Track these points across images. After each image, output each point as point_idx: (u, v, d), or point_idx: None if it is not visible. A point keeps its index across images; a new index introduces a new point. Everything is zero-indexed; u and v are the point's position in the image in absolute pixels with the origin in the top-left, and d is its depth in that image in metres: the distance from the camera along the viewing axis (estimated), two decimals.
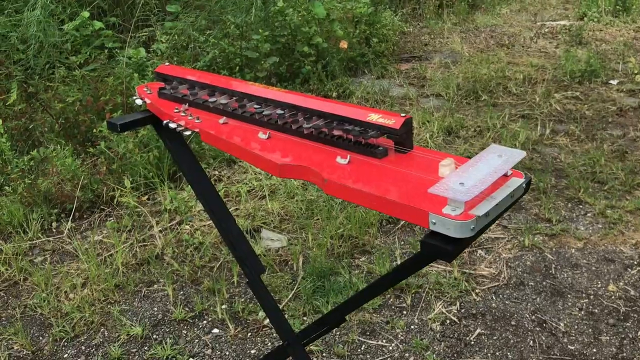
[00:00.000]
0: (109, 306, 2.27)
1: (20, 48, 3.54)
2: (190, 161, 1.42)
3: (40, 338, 2.14)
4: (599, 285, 2.33)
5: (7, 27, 3.54)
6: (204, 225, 2.77)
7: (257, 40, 4.03)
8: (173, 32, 4.14)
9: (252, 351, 2.04)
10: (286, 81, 4.24)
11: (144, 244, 2.65)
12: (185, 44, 4.12)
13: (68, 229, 2.77)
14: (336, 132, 1.10)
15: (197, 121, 1.25)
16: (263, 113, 1.21)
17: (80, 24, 3.98)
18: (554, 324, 2.13)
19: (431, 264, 2.45)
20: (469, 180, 0.88)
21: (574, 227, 2.70)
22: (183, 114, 1.29)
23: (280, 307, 2.22)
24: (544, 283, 2.35)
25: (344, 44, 4.47)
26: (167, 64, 1.47)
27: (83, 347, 2.09)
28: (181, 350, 2.05)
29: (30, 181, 2.90)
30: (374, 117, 1.08)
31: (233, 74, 3.98)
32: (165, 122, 1.31)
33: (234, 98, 1.29)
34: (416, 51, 5.57)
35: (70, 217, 2.85)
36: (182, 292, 2.34)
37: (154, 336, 2.13)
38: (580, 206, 2.88)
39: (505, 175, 0.95)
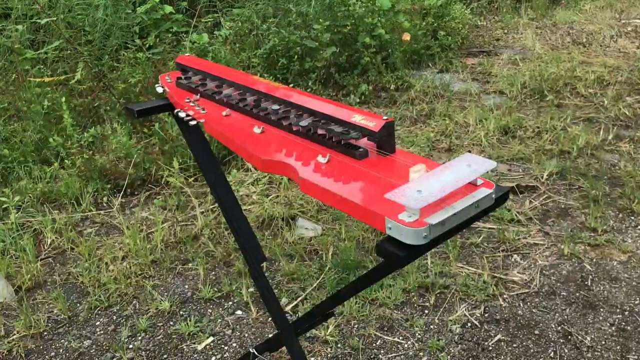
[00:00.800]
0: (143, 280, 2.38)
1: (89, 30, 3.73)
2: (204, 150, 1.48)
3: (78, 305, 2.28)
4: (637, 302, 2.23)
5: (77, 10, 3.74)
6: (245, 210, 2.85)
7: (318, 30, 4.06)
8: (238, 18, 4.23)
9: (270, 336, 2.09)
10: (345, 72, 4.25)
11: (185, 223, 2.76)
12: (248, 30, 4.20)
13: (118, 204, 2.92)
14: (321, 131, 1.12)
15: (202, 112, 1.31)
16: (260, 107, 1.25)
17: (151, 8, 4.14)
18: (579, 337, 2.06)
19: (462, 266, 2.43)
20: (427, 188, 0.88)
21: (621, 239, 2.59)
22: (192, 104, 1.34)
23: (304, 294, 2.27)
24: (577, 294, 2.27)
25: (406, 37, 4.43)
26: (187, 54, 1.53)
27: (114, 317, 2.21)
28: (203, 328, 2.13)
29: (88, 157, 3.07)
30: (357, 119, 1.09)
31: (292, 63, 4.03)
32: (176, 110, 1.37)
33: (238, 91, 1.33)
34: (486, 46, 5.43)
35: (121, 193, 3.00)
36: (213, 273, 2.43)
37: (181, 312, 2.22)
38: (632, 217, 2.75)
39: (474, 185, 0.94)
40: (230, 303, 2.26)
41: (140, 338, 2.10)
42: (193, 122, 1.30)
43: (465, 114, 3.84)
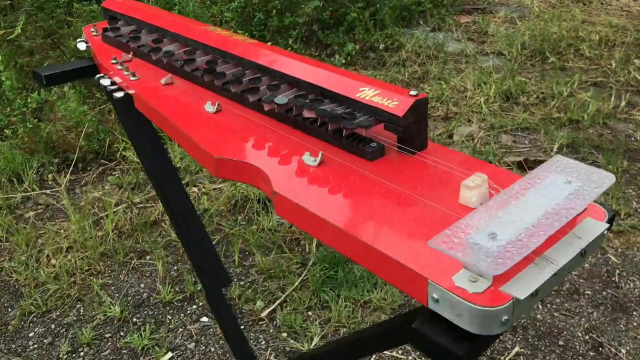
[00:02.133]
0: (90, 278, 1.99)
1: None
2: (143, 131, 1.08)
3: (9, 310, 1.89)
4: None
5: None
6: (215, 189, 2.45)
7: None
8: None
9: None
10: (329, 29, 3.81)
11: (144, 206, 2.36)
12: None
13: (66, 182, 2.50)
14: (308, 114, 0.72)
15: (132, 78, 0.90)
16: (215, 72, 0.84)
17: None
18: (612, 349, 1.73)
19: None
20: (507, 229, 0.50)
21: None
22: (119, 67, 0.94)
23: (283, 296, 1.90)
24: (603, 293, 1.94)
25: None
26: None
27: (53, 326, 1.82)
28: (160, 340, 1.76)
29: (32, 125, 2.63)
30: (369, 93, 0.69)
31: (269, 18, 3.59)
32: (97, 77, 0.96)
33: (185, 48, 0.93)
34: (480, 3, 5.00)
35: (70, 169, 2.58)
36: (175, 268, 2.04)
37: (134, 319, 1.84)
38: None
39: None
40: (195, 307, 1.89)
41: (82, 354, 1.72)
42: (119, 94, 0.90)
43: (462, 78, 3.45)
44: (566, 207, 0.51)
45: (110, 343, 1.76)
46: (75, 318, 1.85)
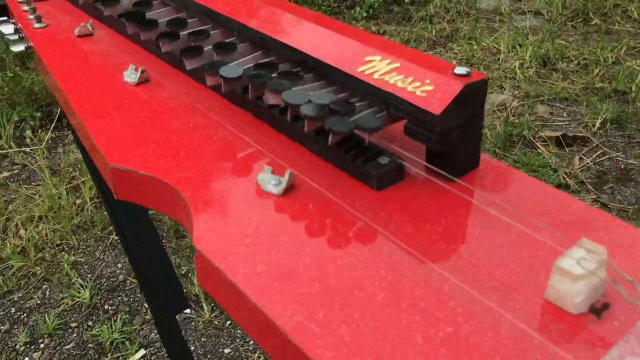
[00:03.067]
0: (61, 254, 1.75)
1: None
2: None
3: None
4: None
5: None
6: None
7: None
8: None
9: (226, 350, 1.48)
10: None
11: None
12: None
13: (48, 140, 2.25)
14: (272, 98, 0.44)
15: (36, 25, 0.62)
16: (142, 20, 0.56)
17: None
18: None
19: None
20: None
21: None
22: (26, 8, 0.66)
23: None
24: None
25: None
26: None
27: (13, 310, 1.59)
28: (132, 334, 1.52)
29: (12, 74, 2.37)
30: (381, 67, 0.41)
31: None
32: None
33: None
34: None
35: (53, 125, 2.32)
36: None
37: (105, 306, 1.60)
38: None
39: None
40: None
41: (42, 346, 1.49)
42: (17, 48, 0.63)
43: (496, 38, 3.11)
44: None
45: (75, 334, 1.52)
46: (39, 302, 1.61)
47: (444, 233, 0.37)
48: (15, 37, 0.68)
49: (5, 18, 0.70)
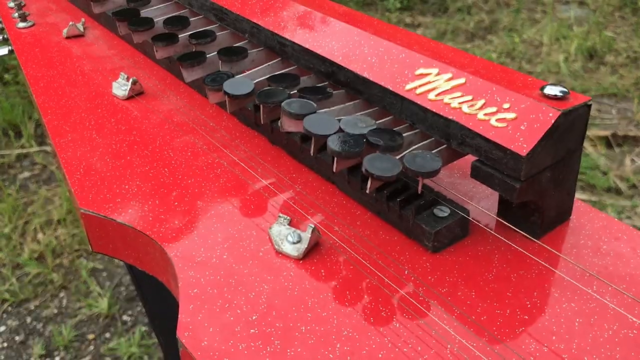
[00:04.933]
0: (80, 260, 1.67)
1: None
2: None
3: None
4: None
5: None
6: None
7: None
8: None
9: None
10: None
11: None
12: None
13: None
14: (288, 124, 0.33)
15: (20, 25, 0.52)
16: (134, 18, 0.45)
17: None
18: None
19: None
20: None
21: None
22: (11, 4, 0.56)
23: None
24: None
25: None
26: None
27: (28, 320, 1.52)
28: (151, 348, 1.43)
29: None
30: (439, 84, 0.30)
31: None
32: None
33: None
34: None
35: None
36: None
37: (124, 317, 1.52)
38: None
39: None
40: None
41: (57, 359, 1.42)
42: (1, 51, 0.53)
43: (538, 30, 2.95)
44: None
45: (92, 347, 1.44)
46: (56, 311, 1.54)
47: (519, 317, 0.26)
48: None
49: None
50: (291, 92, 0.35)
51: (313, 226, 0.30)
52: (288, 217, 0.32)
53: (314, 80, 0.36)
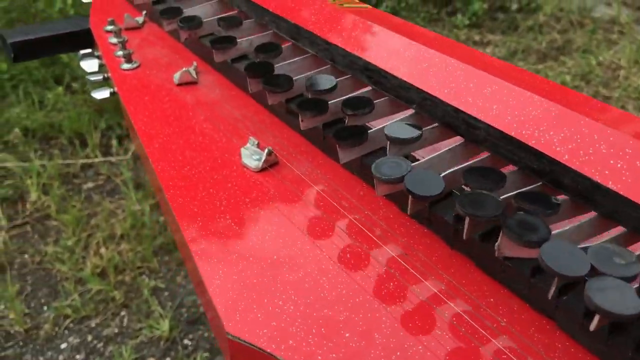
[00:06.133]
0: (142, 277, 1.65)
1: None
2: None
3: (44, 309, 1.58)
4: None
5: None
6: None
7: None
8: None
9: None
10: None
11: None
12: None
13: (134, 150, 2.17)
14: (513, 249, 0.26)
15: (125, 66, 0.48)
16: (271, 73, 0.39)
17: None
18: None
19: None
20: None
21: None
22: (114, 40, 0.51)
23: None
24: None
25: None
26: None
27: (89, 338, 1.49)
28: None
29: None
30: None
31: None
32: (80, 53, 0.55)
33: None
34: None
35: None
36: None
37: (185, 341, 1.48)
38: None
39: None
40: None
41: None
42: (100, 95, 0.49)
43: (616, 52, 2.81)
44: None
45: None
46: (117, 330, 1.51)
47: None
48: (99, 77, 0.54)
49: (90, 50, 0.56)
50: (500, 197, 0.27)
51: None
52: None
53: (517, 177, 0.29)
